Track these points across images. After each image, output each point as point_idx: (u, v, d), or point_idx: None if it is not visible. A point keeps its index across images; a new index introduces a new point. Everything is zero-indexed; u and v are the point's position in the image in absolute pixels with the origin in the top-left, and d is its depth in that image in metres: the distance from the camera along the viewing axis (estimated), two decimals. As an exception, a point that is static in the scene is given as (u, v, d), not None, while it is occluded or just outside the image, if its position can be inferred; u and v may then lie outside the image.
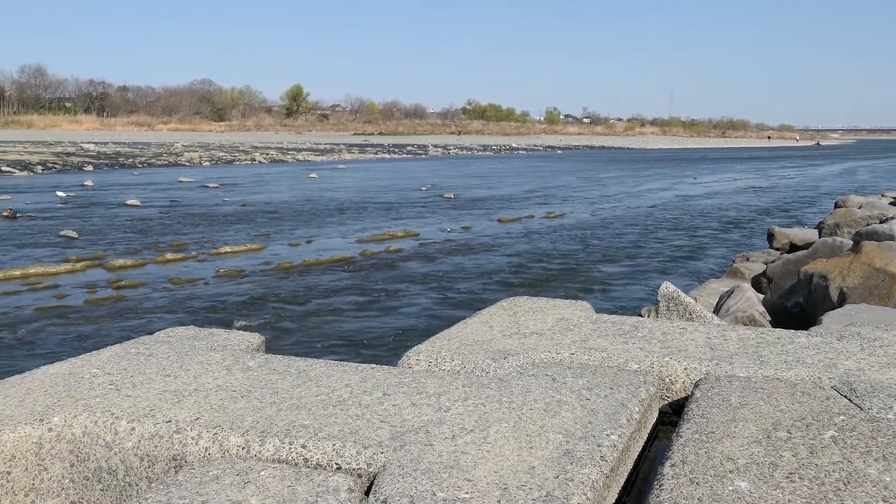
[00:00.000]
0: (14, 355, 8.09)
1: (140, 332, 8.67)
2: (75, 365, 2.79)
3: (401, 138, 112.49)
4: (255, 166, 46.01)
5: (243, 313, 9.88)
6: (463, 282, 12.10)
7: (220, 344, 3.09)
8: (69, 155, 50.11)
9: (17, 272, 12.19)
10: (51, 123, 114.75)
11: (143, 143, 74.50)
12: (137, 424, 2.23)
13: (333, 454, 2.04)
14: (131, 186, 29.49)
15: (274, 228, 18.19)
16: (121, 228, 17.71)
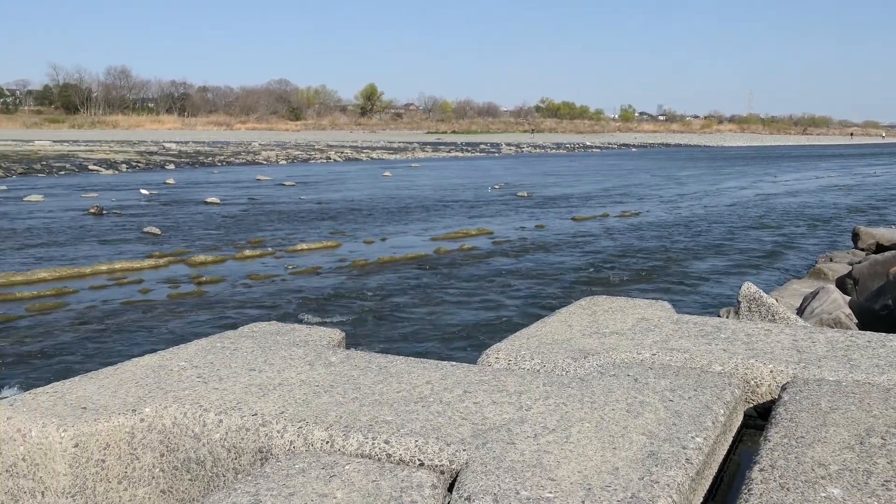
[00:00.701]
0: (102, 347, 8.37)
1: (220, 326, 8.88)
2: (164, 358, 2.86)
3: (474, 137, 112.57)
4: (330, 165, 46.63)
5: (320, 310, 10.02)
6: (537, 280, 12.05)
7: (303, 339, 3.14)
8: (152, 154, 51.57)
9: (103, 267, 12.60)
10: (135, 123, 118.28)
11: (222, 142, 76.19)
12: (225, 417, 2.28)
13: (416, 450, 2.05)
14: (211, 184, 30.19)
15: (349, 226, 18.40)
16: (201, 225, 18.14)
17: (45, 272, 12.07)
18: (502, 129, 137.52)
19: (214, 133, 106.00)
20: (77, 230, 17.13)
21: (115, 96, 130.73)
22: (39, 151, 51.69)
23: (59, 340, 8.61)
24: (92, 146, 60.30)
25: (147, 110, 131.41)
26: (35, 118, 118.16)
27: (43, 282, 11.59)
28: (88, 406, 2.35)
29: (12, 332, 8.91)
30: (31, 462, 2.24)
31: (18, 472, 2.27)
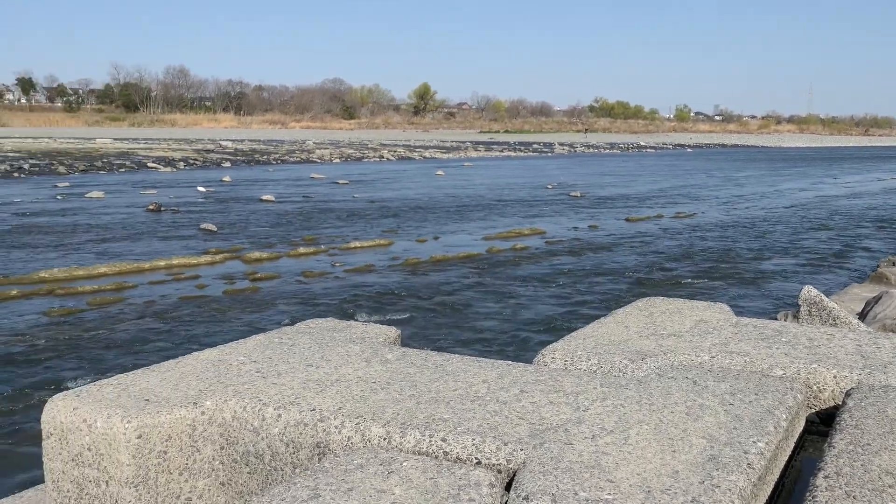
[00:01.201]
0: (160, 341, 8.53)
1: (275, 323, 9.00)
2: (224, 352, 2.91)
3: (526, 136, 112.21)
4: (383, 163, 46.88)
5: (373, 307, 10.08)
6: (590, 281, 11.97)
7: (359, 336, 3.16)
8: (209, 152, 52.42)
9: (161, 263, 12.85)
10: (192, 122, 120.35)
11: (277, 140, 77.11)
12: (283, 411, 2.30)
13: (473, 449, 2.05)
14: (266, 182, 30.58)
15: (402, 224, 18.48)
16: (256, 222, 18.39)
17: (106, 267, 12.35)
18: (555, 129, 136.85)
19: (269, 131, 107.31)
20: (136, 226, 17.49)
21: (173, 95, 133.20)
22: (101, 149, 52.90)
23: (118, 334, 8.80)
24: (151, 144, 61.52)
25: (204, 109, 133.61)
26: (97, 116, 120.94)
27: (104, 276, 11.86)
28: (151, 398, 2.40)
29: (74, 325, 9.13)
30: (96, 452, 2.29)
31: (84, 461, 2.32)
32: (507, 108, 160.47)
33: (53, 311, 9.73)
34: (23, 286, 11.06)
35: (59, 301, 10.33)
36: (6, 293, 10.62)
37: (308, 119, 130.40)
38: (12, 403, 6.64)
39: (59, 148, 52.59)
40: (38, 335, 8.69)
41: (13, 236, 15.79)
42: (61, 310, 9.81)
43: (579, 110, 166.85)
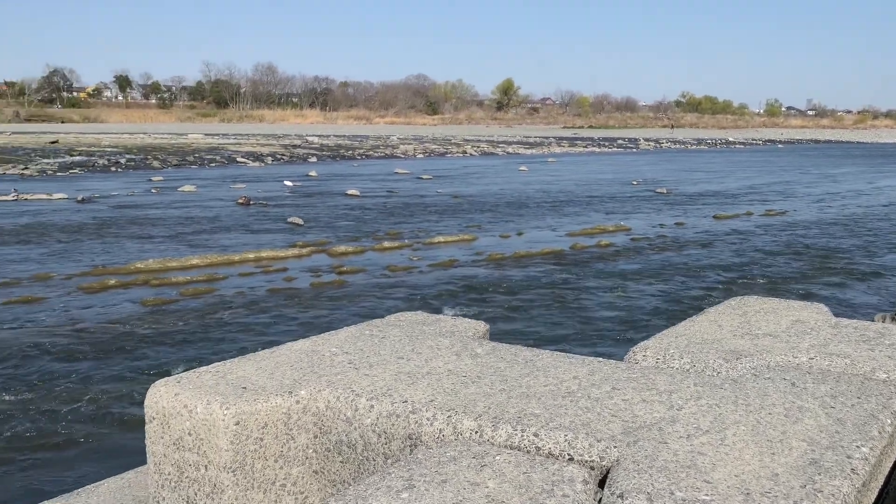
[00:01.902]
0: (250, 331, 8.74)
1: (360, 315, 9.12)
2: (316, 343, 2.96)
3: (611, 132, 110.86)
4: (466, 159, 46.97)
5: (456, 302, 10.12)
6: (677, 279, 11.76)
7: (448, 330, 3.18)
8: (295, 147, 53.40)
9: (250, 255, 13.16)
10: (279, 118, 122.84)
11: (362, 135, 78.02)
12: (376, 402, 2.33)
13: (566, 445, 2.04)
14: (351, 177, 30.98)
15: (485, 220, 18.49)
16: (342, 217, 18.65)
17: (198, 259, 12.71)
18: (640, 125, 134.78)
19: (354, 127, 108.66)
20: (226, 219, 17.95)
21: (261, 92, 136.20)
22: (192, 144, 54.45)
23: (209, 323, 9.05)
24: (240, 139, 63.02)
25: (291, 105, 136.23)
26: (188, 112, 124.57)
27: (195, 268, 12.21)
28: (248, 386, 2.45)
29: (168, 315, 9.44)
30: (196, 437, 2.36)
31: (184, 445, 2.40)
32: (591, 104, 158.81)
33: (148, 301, 10.07)
34: (120, 276, 11.48)
35: (153, 291, 10.69)
36: (105, 283, 11.04)
37: (392, 115, 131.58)
38: (111, 388, 6.90)
39: (154, 143, 54.35)
40: (135, 323, 9.00)
41: (111, 228, 16.39)
42: (156, 299, 10.14)
43: (665, 105, 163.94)
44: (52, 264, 12.45)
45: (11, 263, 12.49)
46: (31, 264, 12.43)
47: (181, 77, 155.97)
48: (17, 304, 9.94)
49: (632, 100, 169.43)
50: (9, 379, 7.12)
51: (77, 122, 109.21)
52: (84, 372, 7.33)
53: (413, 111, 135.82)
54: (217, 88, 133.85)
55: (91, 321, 9.08)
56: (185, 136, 67.85)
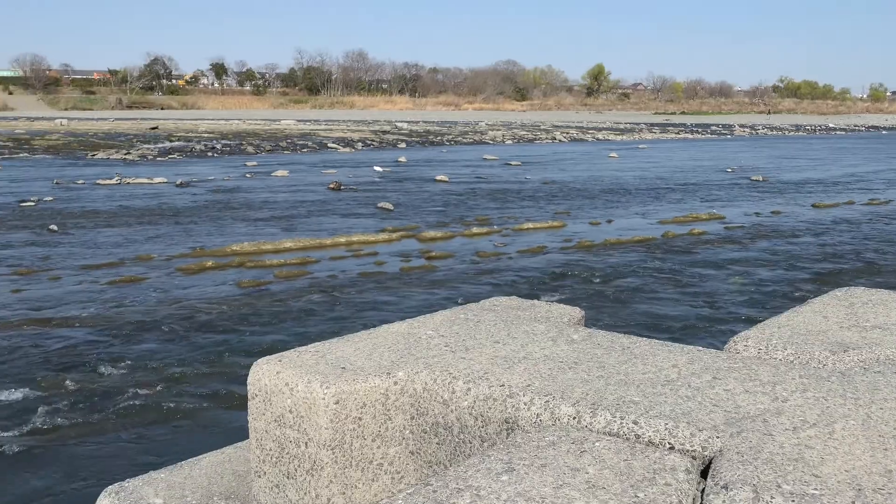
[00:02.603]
0: (343, 314, 8.89)
1: (450, 300, 9.17)
2: (412, 326, 2.98)
3: (704, 118, 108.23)
4: (555, 145, 46.60)
5: (546, 288, 10.07)
6: (774, 268, 11.43)
7: (543, 315, 3.17)
8: (385, 133, 53.91)
9: (342, 239, 13.37)
10: (369, 104, 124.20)
11: (450, 121, 78.21)
12: (473, 386, 2.34)
13: (666, 433, 2.01)
14: (440, 163, 31.11)
15: (574, 206, 18.32)
16: (431, 202, 18.76)
17: (291, 242, 12.98)
18: (735, 110, 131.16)
19: (443, 113, 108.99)
20: (318, 204, 18.27)
21: (352, 78, 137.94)
22: (285, 130, 55.54)
23: (303, 305, 9.24)
24: (331, 125, 63.96)
25: (381, 91, 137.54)
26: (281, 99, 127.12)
27: (289, 251, 12.47)
28: (347, 367, 2.50)
29: (263, 296, 9.67)
30: (296, 414, 2.41)
31: (285, 422, 2.46)
32: (684, 89, 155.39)
33: (244, 283, 10.34)
34: (217, 258, 11.82)
35: (249, 273, 10.96)
36: (203, 264, 11.38)
37: (481, 100, 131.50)
38: (209, 366, 7.13)
39: (248, 129, 55.65)
40: (232, 304, 9.26)
41: (208, 211, 16.88)
42: (251, 281, 10.40)
43: (762, 90, 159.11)
44: (153, 246, 12.90)
45: (115, 245, 13.00)
46: (133, 246, 12.91)
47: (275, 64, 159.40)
48: (120, 283, 10.34)
49: (726, 85, 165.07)
50: (115, 355, 7.43)
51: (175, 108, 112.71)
52: (183, 350, 7.58)
53: (502, 97, 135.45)
54: (309, 75, 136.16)
55: (190, 301, 9.38)
56: (277, 122, 69.25)
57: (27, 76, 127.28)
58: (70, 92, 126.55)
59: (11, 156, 33.27)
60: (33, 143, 39.80)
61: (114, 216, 16.15)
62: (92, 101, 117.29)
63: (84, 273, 10.92)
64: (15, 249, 12.53)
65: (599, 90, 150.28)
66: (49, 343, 7.80)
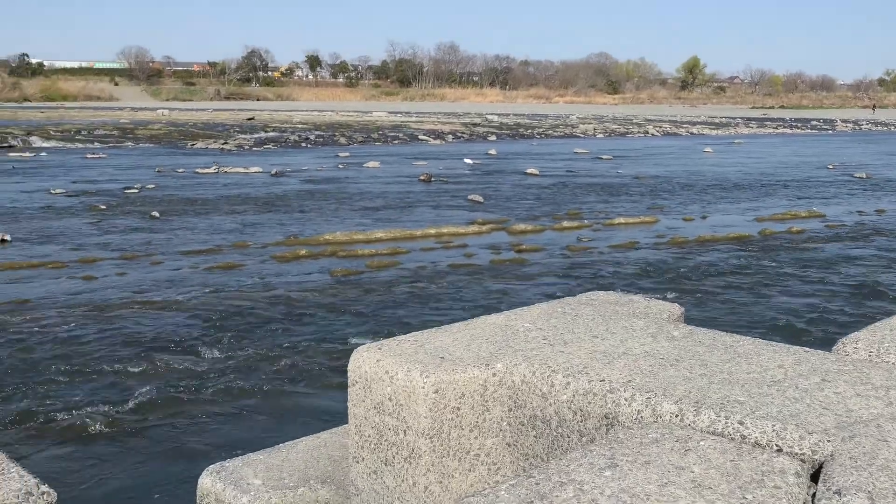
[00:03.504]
0: (433, 304, 8.96)
1: (542, 294, 9.13)
2: (510, 318, 2.98)
3: (804, 112, 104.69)
4: (647, 139, 45.83)
5: (638, 284, 9.93)
6: (879, 269, 10.99)
7: (642, 311, 3.12)
8: (475, 125, 53.92)
9: (432, 231, 13.45)
10: (460, 96, 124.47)
11: (541, 114, 77.73)
12: (572, 380, 2.33)
13: (773, 435, 1.96)
14: (530, 156, 30.97)
15: (667, 202, 17.99)
16: (521, 195, 18.70)
17: (382, 232, 13.14)
18: (837, 105, 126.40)
19: (534, 106, 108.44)
20: (409, 195, 18.42)
21: (443, 70, 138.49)
22: (376, 122, 56.16)
23: (394, 295, 9.35)
24: (422, 117, 64.36)
25: (472, 84, 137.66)
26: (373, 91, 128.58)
27: (380, 241, 12.63)
28: (446, 356, 2.51)
29: (355, 285, 9.82)
30: (396, 402, 2.44)
31: (385, 409, 2.49)
32: (783, 82, 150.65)
33: (336, 271, 10.51)
34: (310, 247, 12.06)
35: (341, 262, 11.15)
36: (296, 252, 11.63)
37: (572, 94, 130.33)
38: (303, 353, 7.28)
39: (340, 120, 56.50)
40: (324, 292, 9.43)
41: (302, 201, 17.22)
42: (343, 270, 10.57)
43: (866, 84, 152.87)
44: (249, 234, 13.23)
45: (213, 232, 13.39)
46: (230, 233, 13.28)
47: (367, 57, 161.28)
48: (218, 269, 10.65)
49: (828, 78, 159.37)
50: (213, 339, 7.66)
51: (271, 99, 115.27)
52: (278, 336, 7.76)
53: (593, 90, 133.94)
54: (401, 67, 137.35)
55: (284, 288, 9.60)
56: (369, 113, 70.08)
57: (132, 68, 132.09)
58: (171, 83, 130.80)
59: (117, 144, 34.60)
60: (137, 132, 41.28)
61: (212, 204, 16.63)
62: (191, 92, 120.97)
63: (184, 258, 11.29)
64: (120, 234, 13.04)
65: (694, 83, 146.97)
66: (151, 325, 8.09)
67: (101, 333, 7.79)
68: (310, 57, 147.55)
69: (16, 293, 9.28)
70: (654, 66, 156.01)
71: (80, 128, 43.09)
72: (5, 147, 32.08)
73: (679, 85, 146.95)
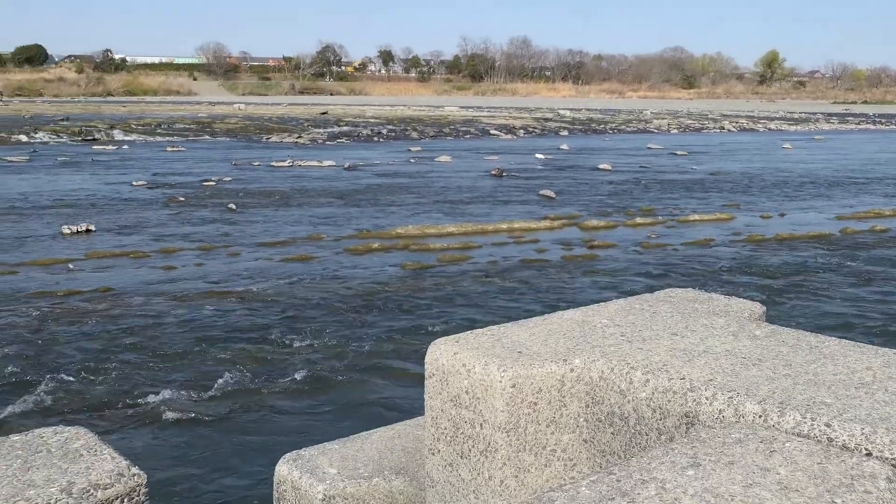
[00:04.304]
0: (505, 300, 8.95)
1: (615, 290, 9.04)
2: (586, 314, 2.96)
3: (889, 107, 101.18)
4: (723, 135, 44.90)
5: (714, 282, 9.75)
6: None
7: (722, 309, 3.07)
8: (547, 120, 53.60)
9: (503, 225, 13.43)
10: (531, 91, 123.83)
11: (614, 109, 76.80)
12: (651, 377, 2.30)
13: (862, 438, 1.91)
14: (603, 151, 30.65)
15: (743, 199, 17.61)
16: (593, 191, 18.53)
17: (454, 227, 13.17)
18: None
19: (606, 101, 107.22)
20: (480, 190, 18.42)
21: (515, 65, 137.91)
22: (448, 116, 56.25)
23: (465, 289, 9.37)
24: (493, 112, 64.25)
25: (544, 78, 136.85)
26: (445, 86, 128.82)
27: (451, 235, 12.66)
28: (523, 351, 2.51)
29: (427, 279, 9.87)
30: (472, 395, 2.45)
31: (461, 402, 2.50)
32: (866, 77, 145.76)
33: (408, 265, 10.59)
34: (382, 240, 12.16)
35: (412, 256, 11.22)
36: (369, 245, 11.74)
37: (645, 88, 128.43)
38: (376, 344, 7.36)
39: (412, 115, 56.75)
40: (397, 285, 9.51)
41: (374, 194, 17.38)
42: (415, 264, 10.64)
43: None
44: (323, 226, 13.41)
45: (288, 224, 13.61)
46: (304, 226, 13.48)
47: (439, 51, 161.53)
48: (293, 261, 10.83)
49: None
50: (288, 329, 7.80)
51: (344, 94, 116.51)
52: (351, 327, 7.86)
53: (668, 85, 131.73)
54: (473, 62, 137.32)
55: (357, 281, 9.71)
56: (441, 108, 70.24)
57: (210, 63, 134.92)
58: (247, 78, 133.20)
59: (195, 138, 35.41)
60: (214, 126, 42.20)
61: (286, 197, 16.90)
62: (267, 87, 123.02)
63: (260, 250, 11.51)
64: (198, 226, 13.36)
65: (772, 78, 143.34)
66: (228, 315, 8.28)
67: (181, 322, 8.00)
68: (382, 52, 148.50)
69: (100, 281, 9.59)
70: (730, 60, 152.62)
71: (160, 121, 44.26)
72: (90, 140, 33.17)
73: (757, 80, 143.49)
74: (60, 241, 12.00)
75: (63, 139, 33.11)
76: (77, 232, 12.62)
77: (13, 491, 1.72)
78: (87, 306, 8.49)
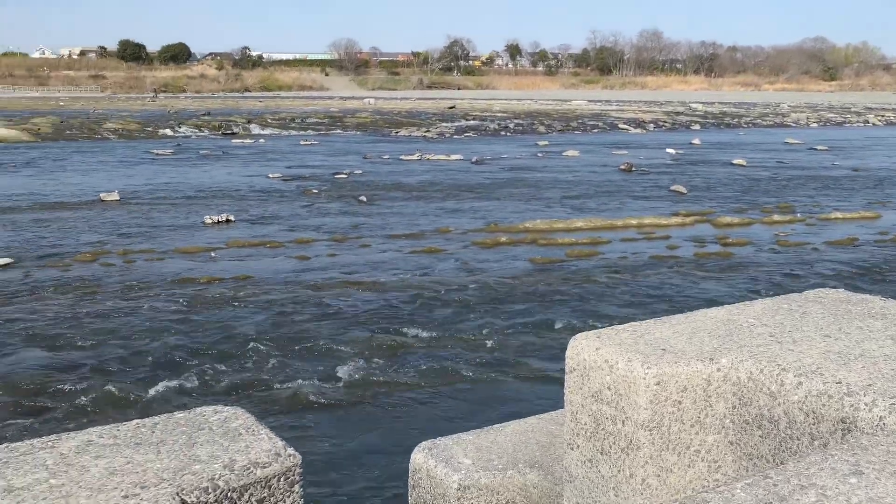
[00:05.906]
0: (636, 295, 8.80)
1: (751, 290, 8.76)
2: (732, 312, 2.88)
3: None
4: (868, 129, 42.65)
5: (861, 283, 9.29)
6: None
7: (878, 312, 2.92)
8: (678, 114, 52.27)
9: (633, 221, 13.20)
10: (662, 84, 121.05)
11: (748, 103, 74.14)
12: (804, 380, 2.22)
13: None
14: (737, 146, 29.66)
15: (890, 196, 16.68)
16: (726, 187, 17.96)
17: (582, 222, 13.04)
18: None
19: (740, 94, 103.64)
20: (609, 185, 18.16)
21: (645, 58, 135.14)
22: (575, 110, 55.68)
23: (596, 285, 9.27)
24: (622, 106, 63.17)
25: (675, 71, 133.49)
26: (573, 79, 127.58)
27: (579, 230, 12.55)
28: (667, 348, 2.46)
29: (555, 273, 9.82)
30: (615, 391, 2.42)
31: (602, 398, 2.48)
32: None
33: (536, 259, 10.55)
34: (510, 234, 12.17)
35: (540, 250, 11.18)
36: (497, 239, 11.78)
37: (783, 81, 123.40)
38: (505, 338, 7.38)
39: (539, 109, 56.47)
40: (525, 279, 9.50)
41: (501, 188, 17.40)
42: (543, 258, 10.60)
43: None
44: (450, 219, 13.54)
45: (417, 217, 13.81)
46: (432, 218, 13.64)
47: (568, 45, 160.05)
48: (422, 253, 10.98)
49: None
50: (419, 320, 7.92)
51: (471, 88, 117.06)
52: (480, 320, 7.90)
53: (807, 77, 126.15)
54: (601, 55, 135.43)
55: (486, 274, 9.75)
56: (568, 102, 69.61)
57: (341, 59, 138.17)
58: (377, 73, 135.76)
59: (327, 132, 36.38)
60: (345, 120, 43.20)
61: (415, 190, 17.15)
62: (396, 82, 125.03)
63: (390, 242, 11.72)
64: (330, 218, 13.73)
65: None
66: (360, 304, 8.48)
67: (315, 310, 8.25)
68: (510, 46, 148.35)
69: (240, 269, 10.00)
70: (877, 49, 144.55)
71: (293, 116, 45.67)
72: (229, 134, 34.62)
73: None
74: (203, 230, 12.58)
75: (204, 133, 34.69)
76: (218, 222, 13.20)
77: (181, 464, 1.82)
78: (229, 293, 8.87)
